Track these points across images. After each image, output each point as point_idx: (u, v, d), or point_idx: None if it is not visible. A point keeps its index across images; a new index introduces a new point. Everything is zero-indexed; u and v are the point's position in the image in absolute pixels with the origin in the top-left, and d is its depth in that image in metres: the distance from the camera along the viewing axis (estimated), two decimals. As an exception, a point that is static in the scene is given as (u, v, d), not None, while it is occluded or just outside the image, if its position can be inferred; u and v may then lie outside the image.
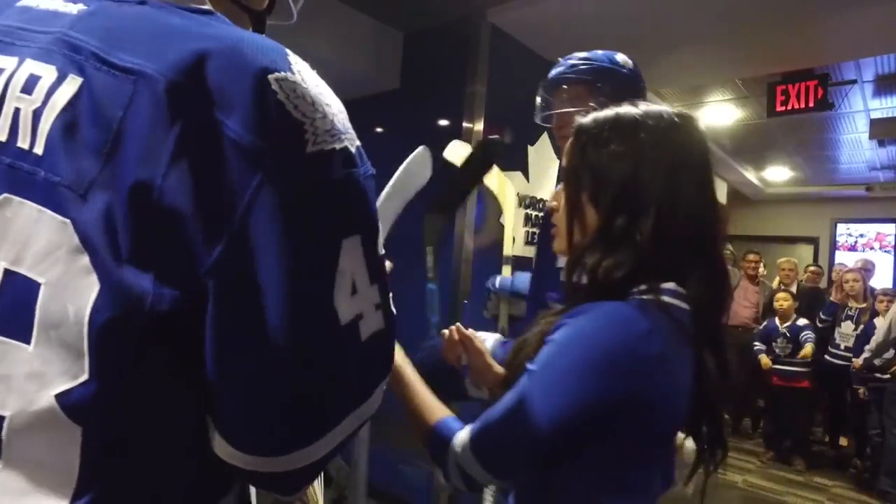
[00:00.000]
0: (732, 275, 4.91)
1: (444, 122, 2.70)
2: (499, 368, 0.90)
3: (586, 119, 0.71)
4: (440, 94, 2.71)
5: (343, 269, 0.45)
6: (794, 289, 4.48)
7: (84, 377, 0.42)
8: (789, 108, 3.16)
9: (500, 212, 2.69)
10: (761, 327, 4.35)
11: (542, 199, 2.93)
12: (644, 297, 0.61)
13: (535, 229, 2.88)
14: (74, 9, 0.48)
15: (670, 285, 0.62)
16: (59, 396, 0.41)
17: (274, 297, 0.42)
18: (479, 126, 2.56)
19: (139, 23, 0.46)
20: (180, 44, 0.43)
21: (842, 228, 7.01)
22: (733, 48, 2.74)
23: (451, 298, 2.46)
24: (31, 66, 0.45)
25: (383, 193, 0.95)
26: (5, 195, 0.43)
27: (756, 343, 4.27)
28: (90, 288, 0.41)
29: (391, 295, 0.52)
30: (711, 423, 0.64)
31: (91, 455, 0.42)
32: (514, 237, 2.77)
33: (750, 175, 6.05)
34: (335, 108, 0.47)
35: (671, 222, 0.63)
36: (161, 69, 0.42)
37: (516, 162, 2.80)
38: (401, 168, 0.98)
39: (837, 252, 6.94)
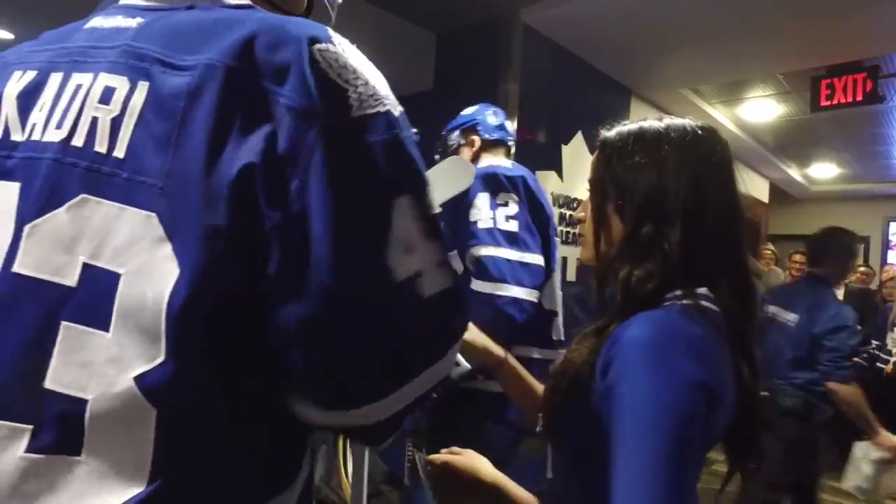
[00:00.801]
0: (775, 274, 4.75)
1: (477, 123, 2.71)
2: (537, 386, 0.92)
3: (611, 132, 0.73)
4: (473, 94, 2.72)
5: (396, 228, 0.47)
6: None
7: (161, 359, 0.44)
8: (835, 102, 3.04)
9: (533, 211, 2.70)
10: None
11: (576, 199, 2.91)
12: (683, 301, 0.61)
13: (569, 228, 2.86)
14: (133, 22, 0.53)
15: (703, 290, 0.63)
16: (137, 378, 0.44)
17: (327, 253, 0.44)
18: (513, 126, 2.56)
19: (192, 25, 0.51)
20: (229, 32, 0.47)
21: (895, 227, 6.70)
22: (774, 42, 2.67)
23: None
24: (105, 80, 0.49)
25: None
26: (82, 196, 0.47)
27: None
28: (170, 274, 0.44)
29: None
30: (749, 430, 0.64)
31: (165, 437, 0.45)
32: (548, 236, 2.76)
33: (794, 173, 5.84)
34: (376, 77, 0.50)
35: (698, 231, 0.64)
36: (214, 58, 0.45)
37: (550, 161, 2.79)
38: (436, 167, 1.00)
39: (890, 251, 6.62)
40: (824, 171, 5.96)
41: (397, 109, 0.50)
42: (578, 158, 2.94)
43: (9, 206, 0.50)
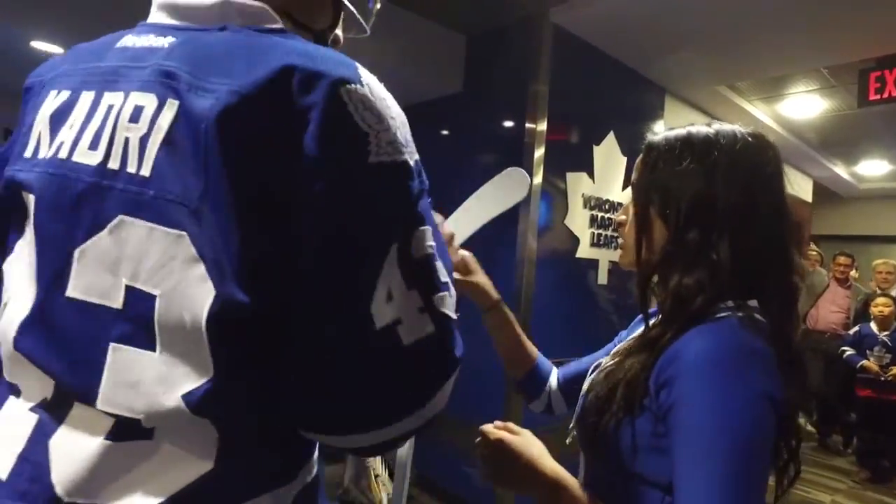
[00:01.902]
0: (820, 276, 4.56)
1: (507, 124, 2.69)
2: (524, 337, 0.95)
3: (657, 137, 0.72)
4: (503, 95, 2.71)
5: (383, 276, 0.47)
6: (894, 293, 4.09)
7: (208, 377, 0.46)
8: (885, 96, 2.88)
9: (564, 213, 2.66)
10: (852, 332, 4.00)
11: (608, 200, 2.86)
12: (738, 314, 0.60)
13: (601, 230, 2.81)
14: (165, 42, 0.53)
15: (754, 303, 0.62)
16: (184, 396, 0.46)
17: (316, 300, 0.47)
18: (543, 126, 2.53)
19: (224, 46, 0.51)
20: (265, 61, 0.47)
21: (951, 227, 6.34)
22: (818, 35, 2.55)
23: (517, 298, 2.45)
24: (135, 98, 0.50)
25: (466, 202, 0.96)
26: (120, 217, 0.48)
27: (846, 348, 3.94)
28: (206, 295, 0.45)
29: (451, 300, 0.53)
30: (788, 441, 0.62)
31: (224, 438, 0.48)
32: (580, 239, 2.72)
33: (840, 170, 5.59)
34: (399, 122, 0.50)
35: (746, 240, 0.63)
36: (247, 85, 0.46)
37: (581, 162, 2.75)
38: (490, 182, 0.98)
39: (946, 253, 6.27)
40: (874, 169, 5.68)
41: (413, 158, 0.51)
42: (610, 159, 2.88)
43: (33, 220, 0.52)
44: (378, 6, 0.72)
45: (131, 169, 0.48)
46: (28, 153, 0.55)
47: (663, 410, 0.56)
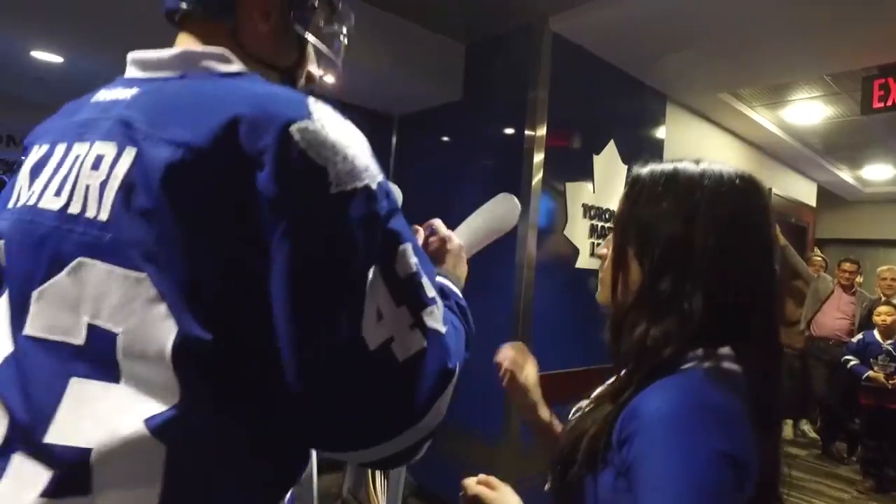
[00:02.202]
0: (825, 282, 4.52)
1: (507, 132, 2.68)
2: (544, 408, 0.88)
3: (644, 169, 0.68)
4: (502, 103, 2.70)
5: (369, 299, 0.49)
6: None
7: (171, 403, 0.47)
8: (889, 104, 2.86)
9: (564, 222, 2.65)
10: (855, 340, 3.97)
11: (608, 210, 2.84)
12: (705, 365, 0.57)
13: (601, 240, 2.80)
14: (129, 93, 0.55)
15: (726, 350, 0.58)
16: (147, 420, 0.47)
17: (295, 333, 0.47)
18: (542, 132, 2.52)
19: (180, 97, 0.53)
20: (215, 112, 0.48)
21: (957, 231, 6.29)
22: (820, 43, 2.53)
23: (516, 308, 2.44)
24: (98, 147, 0.52)
25: (457, 229, 0.93)
26: (79, 259, 0.49)
27: (849, 357, 3.90)
28: (169, 331, 0.47)
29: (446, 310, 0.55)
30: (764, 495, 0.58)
31: (174, 469, 0.47)
32: (580, 248, 2.71)
33: (844, 175, 5.55)
34: (357, 148, 0.51)
35: (723, 291, 0.59)
36: (198, 138, 0.47)
37: (582, 171, 2.74)
38: (481, 209, 0.96)
39: (952, 257, 6.21)
40: (879, 173, 5.64)
41: (376, 181, 0.51)
42: (611, 168, 2.87)
43: (3, 264, 0.54)
44: (346, 42, 0.72)
45: (90, 213, 0.50)
46: (10, 204, 0.58)
47: (625, 466, 0.54)
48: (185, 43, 0.62)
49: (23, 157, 0.64)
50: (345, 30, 0.72)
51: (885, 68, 2.81)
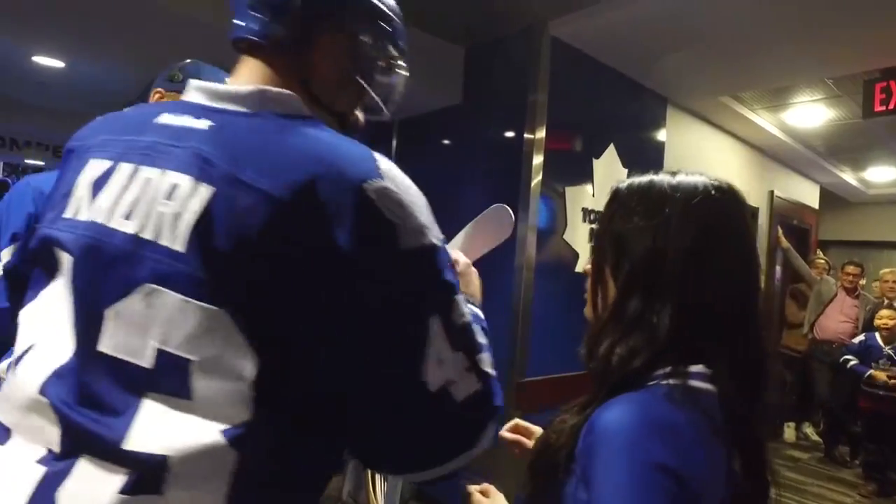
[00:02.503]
0: (827, 284, 4.51)
1: (506, 135, 2.68)
2: None
3: (623, 184, 0.67)
4: (502, 106, 2.70)
5: (430, 345, 0.54)
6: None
7: (243, 419, 0.51)
8: (891, 107, 2.84)
9: (564, 226, 2.64)
10: (857, 341, 3.94)
11: (608, 213, 2.84)
12: (669, 381, 0.56)
13: (600, 244, 2.79)
14: (204, 125, 0.57)
15: (698, 368, 0.57)
16: (223, 432, 0.50)
17: (377, 376, 0.53)
18: (541, 135, 2.52)
19: (258, 140, 0.55)
20: (294, 167, 0.52)
21: (961, 232, 6.25)
22: (822, 46, 2.52)
23: (515, 313, 2.44)
24: (172, 177, 0.54)
25: (452, 241, 0.94)
26: (149, 285, 0.51)
27: (849, 357, 3.88)
28: (248, 362, 0.50)
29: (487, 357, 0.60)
30: None
31: (243, 470, 0.51)
32: (580, 253, 2.70)
33: (847, 176, 5.53)
34: (420, 204, 0.56)
35: (695, 308, 0.58)
36: (278, 189, 0.51)
37: (581, 175, 2.74)
38: (474, 221, 0.96)
39: (956, 259, 6.18)
40: (882, 175, 5.61)
41: (438, 238, 0.57)
42: (611, 172, 2.86)
43: (68, 276, 0.56)
44: (399, 97, 0.76)
45: (164, 242, 0.52)
46: (68, 214, 0.59)
47: (584, 479, 0.54)
48: (254, 72, 0.64)
49: (67, 159, 0.64)
50: (401, 85, 0.75)
51: (887, 72, 2.80)
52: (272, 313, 0.51)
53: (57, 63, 2.75)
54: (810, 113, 3.69)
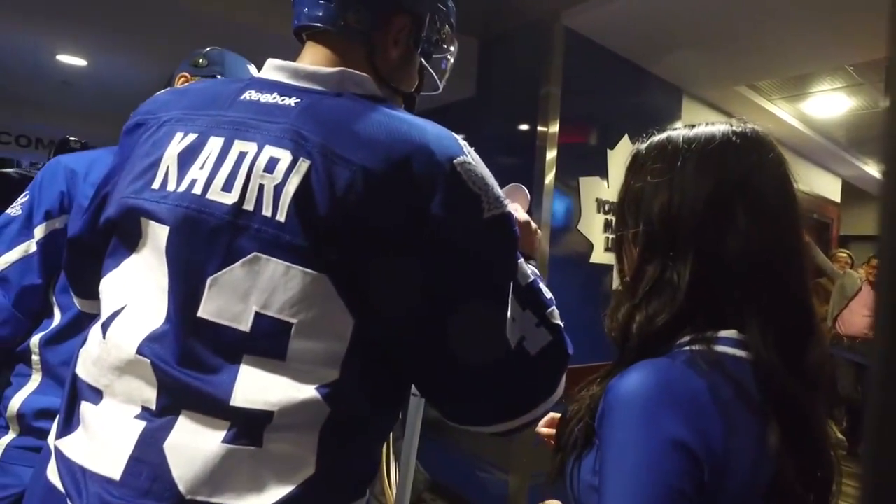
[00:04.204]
0: (851, 278, 4.42)
1: (520, 128, 2.68)
2: None
3: (643, 144, 0.64)
4: (515, 99, 2.70)
5: (509, 307, 0.58)
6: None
7: (333, 378, 0.55)
8: (915, 94, 2.78)
9: (578, 217, 2.64)
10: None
11: (622, 204, 2.82)
12: (693, 347, 0.52)
13: (614, 235, 2.77)
14: (291, 101, 0.60)
15: (730, 333, 0.52)
16: (317, 389, 0.54)
17: (465, 334, 0.56)
18: (555, 128, 2.51)
19: (347, 116, 0.58)
20: (390, 142, 0.55)
21: None
22: (842, 31, 2.48)
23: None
24: (270, 151, 0.56)
25: None
26: (255, 254, 0.54)
27: None
28: (347, 324, 0.55)
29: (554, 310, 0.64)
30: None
31: (329, 431, 0.55)
32: (595, 243, 2.69)
33: (870, 169, 5.40)
34: (492, 180, 0.60)
35: (717, 263, 0.53)
36: (377, 163, 0.54)
37: (595, 166, 2.72)
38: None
39: None
40: (907, 167, 5.47)
41: (510, 208, 0.60)
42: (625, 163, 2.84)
43: (160, 245, 0.58)
44: (450, 67, 0.82)
45: (266, 213, 0.54)
46: (156, 185, 0.60)
47: (599, 446, 0.52)
48: (320, 57, 0.66)
49: (139, 133, 0.64)
50: (451, 60, 0.81)
51: (910, 57, 2.73)
52: (368, 278, 0.54)
53: (80, 61, 2.82)
54: (830, 102, 3.62)
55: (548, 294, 0.65)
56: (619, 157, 2.81)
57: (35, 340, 0.98)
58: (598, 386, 0.59)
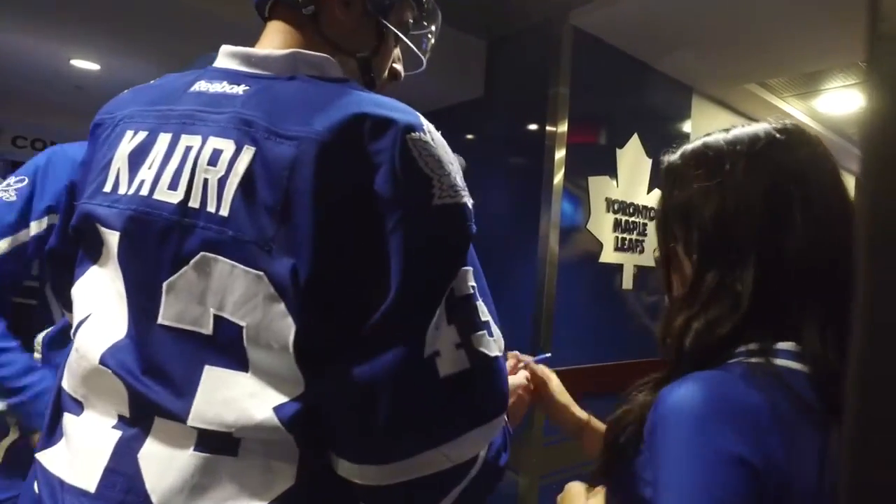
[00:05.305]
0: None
1: (528, 128, 2.68)
2: (574, 407, 0.86)
3: (674, 155, 0.62)
4: (524, 99, 2.70)
5: (440, 309, 0.50)
6: None
7: (296, 394, 0.50)
8: (929, 90, 2.73)
9: (587, 217, 2.63)
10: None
11: (633, 204, 2.81)
12: (751, 360, 0.50)
13: (625, 235, 2.76)
14: (240, 90, 0.56)
15: (789, 345, 0.50)
16: (276, 409, 0.49)
17: (387, 328, 0.48)
18: (563, 128, 2.51)
19: (296, 96, 0.54)
20: (339, 108, 0.51)
21: None
22: (854, 28, 2.45)
23: (538, 304, 2.43)
24: (214, 143, 0.53)
25: None
26: (202, 254, 0.51)
27: None
28: (289, 328, 0.49)
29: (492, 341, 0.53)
30: None
31: (306, 443, 0.50)
32: (604, 243, 2.68)
33: (885, 166, 5.34)
34: (455, 167, 0.54)
35: (779, 264, 0.51)
36: (322, 132, 0.49)
37: (605, 166, 2.71)
38: None
39: None
40: (922, 164, 5.39)
41: (469, 200, 0.55)
42: (635, 162, 2.83)
43: (113, 252, 0.55)
44: (432, 39, 0.75)
45: (211, 208, 0.51)
46: (107, 188, 0.58)
47: (650, 458, 0.50)
48: (278, 35, 0.63)
49: (97, 134, 0.63)
50: (433, 27, 0.74)
51: (925, 53, 2.69)
52: (309, 266, 0.48)
53: (93, 66, 2.86)
54: (843, 99, 3.57)
55: (485, 317, 0.54)
56: (629, 156, 2.80)
57: (39, 339, 0.99)
58: (649, 394, 0.57)
